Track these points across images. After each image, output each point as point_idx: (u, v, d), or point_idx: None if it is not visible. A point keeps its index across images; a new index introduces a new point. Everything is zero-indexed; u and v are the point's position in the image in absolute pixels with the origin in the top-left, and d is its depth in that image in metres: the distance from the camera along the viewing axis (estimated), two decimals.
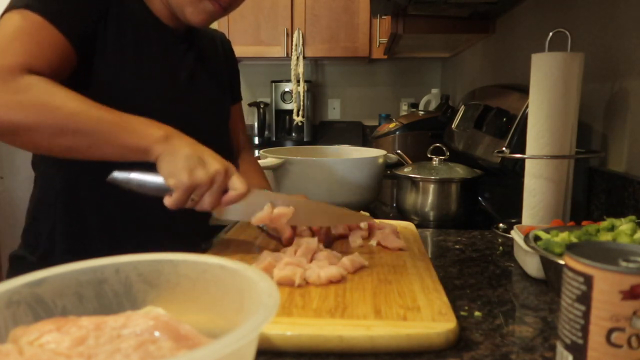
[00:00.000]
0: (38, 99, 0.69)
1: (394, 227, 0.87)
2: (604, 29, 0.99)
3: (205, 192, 0.69)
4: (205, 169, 0.68)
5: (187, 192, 0.68)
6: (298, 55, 2.94)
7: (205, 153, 0.70)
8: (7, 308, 0.38)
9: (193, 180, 0.68)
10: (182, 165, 0.68)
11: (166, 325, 0.38)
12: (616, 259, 0.39)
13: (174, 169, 0.68)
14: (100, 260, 0.44)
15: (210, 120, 1.00)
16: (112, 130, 0.70)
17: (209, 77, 1.00)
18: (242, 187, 0.71)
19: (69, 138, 0.70)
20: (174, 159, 0.68)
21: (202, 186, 0.68)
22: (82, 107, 0.70)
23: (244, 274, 0.41)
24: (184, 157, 0.68)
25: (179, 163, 0.68)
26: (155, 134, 0.69)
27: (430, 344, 0.50)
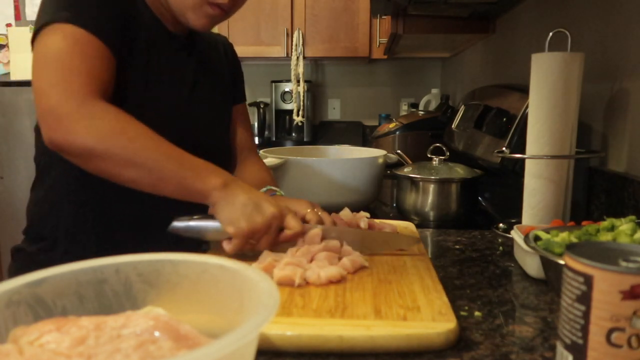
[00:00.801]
0: (114, 127, 0.72)
1: (394, 227, 0.87)
2: (604, 29, 0.99)
3: (262, 236, 0.72)
4: (262, 215, 0.71)
5: (247, 238, 0.71)
6: (298, 55, 2.94)
7: (261, 198, 0.73)
8: (7, 308, 0.38)
9: (252, 227, 0.70)
10: (240, 212, 0.71)
11: (166, 325, 0.38)
12: (616, 259, 0.39)
13: (233, 216, 0.71)
14: (100, 260, 0.44)
15: (212, 124, 1.00)
16: (177, 171, 0.72)
17: (210, 82, 1.00)
18: (297, 226, 0.74)
19: (135, 171, 0.73)
20: (232, 207, 0.71)
21: (260, 231, 0.71)
22: (152, 142, 0.73)
23: (244, 274, 0.41)
24: (242, 205, 0.71)
25: (237, 210, 0.71)
26: (215, 182, 0.72)
27: (430, 344, 0.50)
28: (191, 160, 0.74)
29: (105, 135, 0.71)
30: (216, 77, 1.03)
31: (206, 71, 1.00)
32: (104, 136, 0.71)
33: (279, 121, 3.26)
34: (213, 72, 1.03)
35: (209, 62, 1.02)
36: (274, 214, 0.71)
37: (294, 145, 3.14)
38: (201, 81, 0.97)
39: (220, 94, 1.04)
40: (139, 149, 0.72)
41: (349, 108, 3.46)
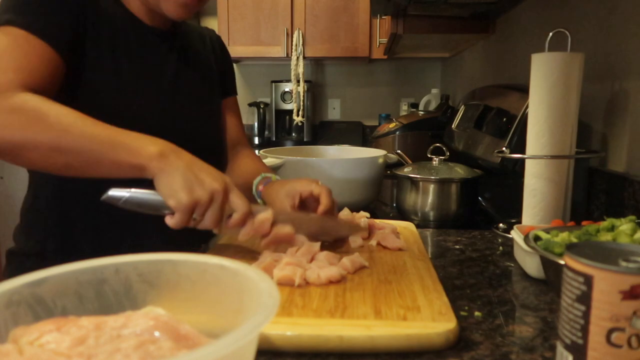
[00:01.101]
0: (33, 116, 0.68)
1: (393, 227, 0.87)
2: (604, 29, 0.99)
3: (206, 210, 0.68)
4: (203, 188, 0.67)
5: (189, 212, 0.67)
6: (298, 55, 2.94)
7: (202, 170, 0.68)
8: (7, 308, 0.38)
9: (193, 199, 0.66)
10: (180, 184, 0.66)
11: (166, 325, 0.38)
12: (616, 259, 0.39)
13: (173, 188, 0.66)
14: (100, 260, 0.44)
15: (197, 119, 0.98)
16: (106, 148, 0.68)
17: (195, 75, 0.99)
18: (242, 205, 0.70)
19: (63, 156, 0.69)
20: (171, 178, 0.66)
21: (203, 205, 0.67)
22: (76, 124, 0.68)
23: (244, 274, 0.41)
24: (181, 176, 0.66)
25: (177, 182, 0.66)
26: (150, 151, 0.67)
27: (430, 344, 0.50)
28: (123, 135, 0.69)
29: (23, 125, 0.68)
30: (202, 71, 1.02)
31: (190, 65, 0.98)
32: (22, 126, 0.68)
33: (279, 121, 3.26)
34: (199, 66, 1.01)
35: (194, 56, 1.01)
36: (216, 188, 0.67)
37: (294, 145, 3.14)
38: (184, 75, 0.96)
39: (207, 88, 1.02)
40: (62, 132, 0.68)
41: (349, 108, 3.46)
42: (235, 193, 0.70)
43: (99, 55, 0.83)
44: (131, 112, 0.85)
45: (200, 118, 0.99)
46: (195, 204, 0.66)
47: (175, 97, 0.93)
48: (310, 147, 1.54)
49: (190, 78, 0.97)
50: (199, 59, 1.02)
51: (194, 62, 1.00)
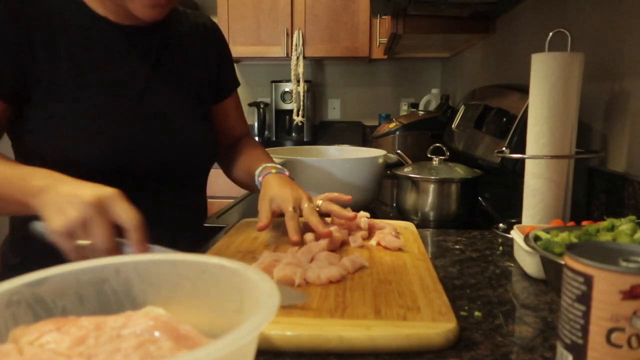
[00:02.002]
0: None
1: (394, 227, 0.87)
2: (604, 29, 0.99)
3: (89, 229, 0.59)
4: (74, 207, 0.59)
5: (66, 238, 0.59)
6: (298, 55, 2.94)
7: (79, 188, 0.60)
8: (7, 308, 0.38)
9: (63, 222, 0.58)
10: (53, 213, 0.60)
11: (166, 325, 0.38)
12: (616, 259, 0.39)
13: (47, 219, 0.60)
14: (100, 260, 0.44)
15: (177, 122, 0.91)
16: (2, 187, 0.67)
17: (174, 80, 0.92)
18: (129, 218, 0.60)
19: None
20: (47, 210, 0.61)
21: (78, 224, 0.58)
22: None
23: (244, 274, 0.41)
24: (54, 203, 0.60)
25: (50, 212, 0.60)
26: (33, 186, 0.63)
27: (430, 344, 0.50)
28: (20, 172, 0.67)
29: None
30: (187, 71, 0.95)
31: (172, 66, 0.92)
32: None
33: (279, 121, 3.26)
34: (186, 61, 0.95)
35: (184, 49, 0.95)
36: (86, 201, 0.58)
37: (294, 145, 3.14)
38: (159, 82, 0.89)
39: (190, 90, 0.96)
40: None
41: (349, 108, 3.46)
42: (120, 204, 0.60)
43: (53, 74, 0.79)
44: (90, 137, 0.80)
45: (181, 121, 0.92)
46: (67, 226, 0.58)
47: (143, 112, 0.86)
48: (310, 147, 1.54)
49: (167, 84, 0.90)
50: (186, 57, 0.95)
51: (178, 62, 0.93)
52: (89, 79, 0.82)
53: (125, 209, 0.60)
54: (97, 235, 0.59)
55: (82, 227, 0.59)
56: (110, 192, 0.60)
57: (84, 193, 0.59)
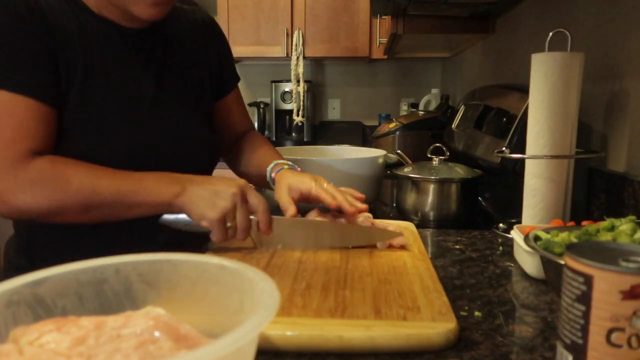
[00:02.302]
0: (55, 185, 0.73)
1: (394, 228, 0.87)
2: (604, 29, 0.99)
3: (234, 216, 0.74)
4: (223, 199, 0.74)
5: (221, 224, 0.74)
6: (298, 55, 2.94)
7: (216, 184, 0.75)
8: (7, 308, 0.38)
9: (219, 213, 0.73)
10: (204, 205, 0.74)
11: (166, 325, 0.38)
12: (616, 259, 0.39)
13: (200, 212, 0.74)
14: (100, 260, 0.44)
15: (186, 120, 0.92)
16: (132, 198, 0.75)
17: (178, 80, 0.92)
18: (260, 204, 0.76)
19: (95, 213, 0.76)
20: (195, 206, 0.74)
21: (229, 212, 0.74)
22: (98, 182, 0.74)
23: (244, 274, 0.41)
24: (202, 199, 0.74)
25: (201, 206, 0.74)
26: (172, 191, 0.75)
27: (430, 344, 0.50)
28: (143, 181, 0.76)
29: (49, 195, 0.73)
30: (192, 65, 0.95)
31: (175, 67, 0.92)
32: (49, 196, 0.73)
33: (279, 121, 3.26)
34: (188, 60, 0.94)
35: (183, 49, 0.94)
36: (234, 193, 0.74)
37: (294, 145, 3.14)
38: (168, 75, 0.90)
39: (195, 83, 0.96)
40: (88, 194, 0.73)
41: (349, 108, 3.46)
42: (252, 193, 0.77)
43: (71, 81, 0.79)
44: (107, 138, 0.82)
45: (190, 121, 0.93)
46: (223, 214, 0.73)
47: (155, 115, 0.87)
48: (310, 147, 1.54)
49: (172, 86, 0.91)
50: (187, 56, 0.95)
51: (180, 63, 0.93)
52: (100, 86, 0.81)
53: (257, 197, 0.77)
54: (241, 218, 0.75)
55: (231, 213, 0.74)
56: (243, 183, 0.76)
57: (228, 187, 0.74)
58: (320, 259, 0.75)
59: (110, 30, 0.84)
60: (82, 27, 0.81)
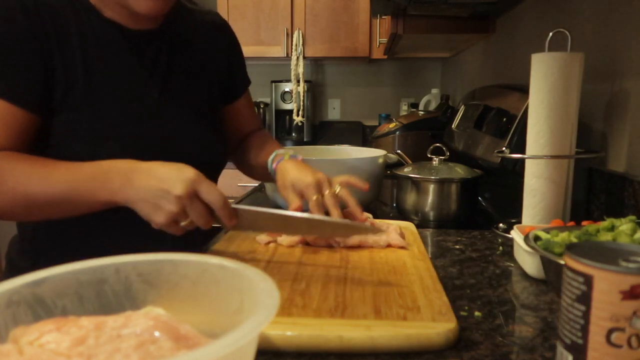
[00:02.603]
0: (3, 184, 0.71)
1: (395, 228, 0.87)
2: (604, 29, 0.99)
3: (186, 214, 0.68)
4: (168, 200, 0.66)
5: (172, 225, 0.68)
6: (298, 55, 2.94)
7: (163, 180, 0.66)
8: (7, 308, 0.38)
9: (165, 217, 0.67)
10: (149, 208, 0.67)
11: (166, 325, 0.38)
12: (616, 259, 0.39)
13: (146, 214, 0.68)
14: (100, 260, 0.44)
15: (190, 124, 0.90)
16: (78, 194, 0.71)
17: (185, 83, 0.91)
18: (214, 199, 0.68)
19: (45, 211, 0.73)
20: (140, 207, 0.68)
21: (177, 214, 0.67)
22: (29, 183, 0.71)
23: (244, 274, 0.41)
24: (146, 201, 0.67)
25: (145, 208, 0.67)
26: (109, 188, 0.69)
27: (430, 344, 0.50)
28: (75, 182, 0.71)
29: None
30: (200, 69, 0.94)
31: (185, 65, 0.91)
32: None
33: (279, 121, 3.26)
34: (195, 64, 0.93)
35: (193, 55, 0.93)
36: (178, 196, 0.66)
37: (294, 145, 3.14)
38: (173, 78, 0.88)
39: (205, 87, 0.94)
40: (21, 197, 0.71)
41: (349, 108, 3.46)
42: (205, 188, 0.67)
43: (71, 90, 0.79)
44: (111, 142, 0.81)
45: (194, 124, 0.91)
46: (170, 219, 0.67)
47: (158, 121, 0.86)
48: (310, 147, 1.54)
49: (178, 90, 0.89)
50: (195, 60, 0.93)
51: (188, 66, 0.92)
52: (104, 89, 0.81)
53: (210, 191, 0.67)
54: (195, 217, 0.68)
55: (182, 214, 0.67)
56: (193, 176, 0.66)
57: (173, 188, 0.65)
58: (320, 259, 0.75)
59: (114, 31, 0.83)
60: (82, 27, 0.80)
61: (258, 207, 0.73)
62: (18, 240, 0.92)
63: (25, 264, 0.89)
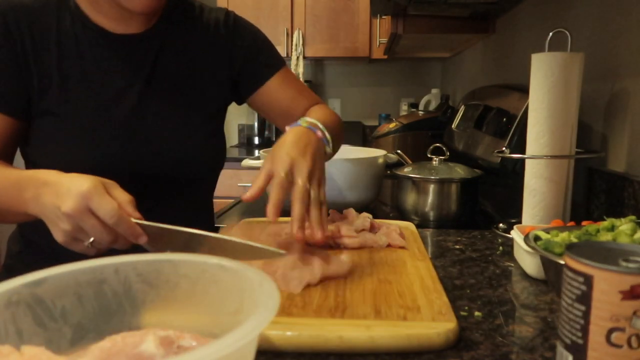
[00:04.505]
0: None
1: (395, 228, 0.87)
2: (604, 29, 0.99)
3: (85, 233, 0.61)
4: (59, 218, 0.61)
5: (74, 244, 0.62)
6: (298, 55, 2.94)
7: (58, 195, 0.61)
8: (7, 308, 0.38)
9: (62, 235, 0.61)
10: (50, 225, 0.63)
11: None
12: (616, 259, 0.38)
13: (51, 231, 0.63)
14: (99, 260, 0.44)
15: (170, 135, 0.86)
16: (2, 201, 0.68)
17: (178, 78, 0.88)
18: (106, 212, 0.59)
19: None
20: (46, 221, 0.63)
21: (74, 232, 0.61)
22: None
23: (244, 274, 0.41)
24: (46, 217, 0.63)
25: (48, 225, 0.63)
26: (25, 198, 0.64)
27: (430, 344, 0.50)
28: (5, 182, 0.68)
29: None
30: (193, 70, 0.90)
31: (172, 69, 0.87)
32: None
33: None
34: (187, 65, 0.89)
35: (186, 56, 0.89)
36: (67, 214, 0.59)
37: None
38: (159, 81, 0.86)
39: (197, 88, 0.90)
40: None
41: (349, 108, 3.46)
42: (96, 201, 0.59)
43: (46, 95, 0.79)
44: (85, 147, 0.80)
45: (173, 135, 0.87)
46: (67, 237, 0.62)
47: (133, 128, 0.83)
48: None
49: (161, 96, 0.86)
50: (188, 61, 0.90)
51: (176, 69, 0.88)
52: (78, 94, 0.80)
53: (102, 206, 0.59)
54: (93, 235, 0.61)
55: (80, 232, 0.61)
56: (85, 190, 0.59)
57: (62, 204, 0.59)
58: None
59: (98, 37, 0.82)
60: (64, 33, 0.80)
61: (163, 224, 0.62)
62: (17, 238, 0.93)
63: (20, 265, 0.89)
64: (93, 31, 0.82)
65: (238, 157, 2.72)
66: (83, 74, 0.81)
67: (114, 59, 0.83)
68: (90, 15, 0.82)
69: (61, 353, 0.39)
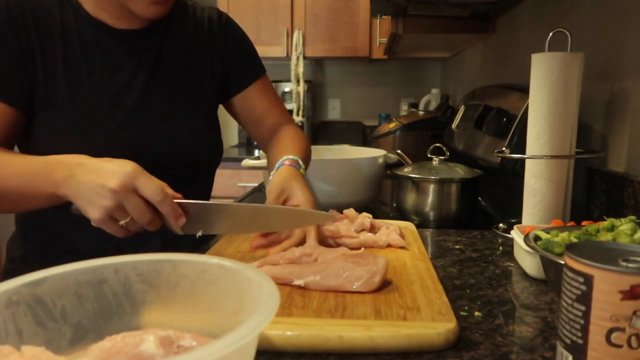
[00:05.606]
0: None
1: (395, 227, 0.87)
2: (604, 29, 0.99)
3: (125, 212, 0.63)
4: (104, 197, 0.62)
5: (109, 224, 0.64)
6: (298, 55, 2.94)
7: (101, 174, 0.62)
8: (7, 308, 0.38)
9: (100, 212, 0.62)
10: (85, 203, 0.63)
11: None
12: (616, 259, 0.38)
13: (84, 209, 0.64)
14: (99, 260, 0.44)
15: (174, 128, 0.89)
16: (27, 187, 0.68)
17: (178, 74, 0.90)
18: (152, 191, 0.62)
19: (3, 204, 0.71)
20: (79, 200, 0.64)
21: (113, 211, 0.62)
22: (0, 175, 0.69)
23: (244, 274, 0.41)
24: (82, 196, 0.63)
25: (83, 203, 0.63)
26: (54, 179, 0.65)
27: (430, 344, 0.50)
28: (23, 175, 0.69)
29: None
30: (192, 65, 0.92)
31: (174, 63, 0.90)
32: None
33: None
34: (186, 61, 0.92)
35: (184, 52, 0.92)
36: (113, 190, 0.61)
37: None
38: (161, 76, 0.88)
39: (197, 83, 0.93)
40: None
41: (349, 108, 3.46)
42: (144, 182, 0.62)
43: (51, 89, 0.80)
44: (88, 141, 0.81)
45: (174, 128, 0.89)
46: (105, 215, 0.62)
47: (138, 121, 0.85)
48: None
49: (165, 89, 0.88)
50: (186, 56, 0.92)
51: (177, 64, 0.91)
52: (84, 88, 0.81)
53: (148, 186, 0.62)
54: (134, 214, 0.63)
55: (118, 211, 0.62)
56: (130, 170, 0.62)
57: (108, 181, 0.61)
58: None
59: (101, 32, 0.83)
60: (68, 28, 0.81)
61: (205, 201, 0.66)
62: (17, 237, 0.93)
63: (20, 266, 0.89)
64: (96, 26, 0.83)
65: (238, 157, 2.72)
66: (88, 67, 0.82)
67: (118, 52, 0.85)
68: (91, 11, 0.83)
69: (61, 353, 0.39)
